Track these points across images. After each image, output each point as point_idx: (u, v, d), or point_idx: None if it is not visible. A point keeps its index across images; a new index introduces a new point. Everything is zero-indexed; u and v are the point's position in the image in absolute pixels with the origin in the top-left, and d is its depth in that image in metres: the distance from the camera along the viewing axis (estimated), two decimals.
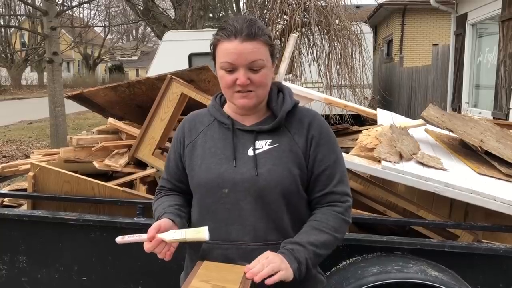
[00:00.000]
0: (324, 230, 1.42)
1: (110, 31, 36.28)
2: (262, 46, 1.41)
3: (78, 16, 29.54)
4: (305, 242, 1.38)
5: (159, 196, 1.63)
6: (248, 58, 1.38)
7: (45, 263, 2.41)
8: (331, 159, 1.48)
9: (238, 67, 1.39)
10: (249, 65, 1.38)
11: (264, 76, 1.42)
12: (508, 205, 2.06)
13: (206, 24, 17.70)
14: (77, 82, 33.06)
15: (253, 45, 1.38)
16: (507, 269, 2.08)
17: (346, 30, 7.17)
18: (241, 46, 1.37)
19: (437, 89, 9.56)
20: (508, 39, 6.29)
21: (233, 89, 1.42)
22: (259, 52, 1.40)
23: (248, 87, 1.40)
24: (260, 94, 1.45)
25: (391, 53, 17.30)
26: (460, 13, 8.43)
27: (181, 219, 1.48)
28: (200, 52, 10.74)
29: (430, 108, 2.84)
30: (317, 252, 1.39)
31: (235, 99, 1.44)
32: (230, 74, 1.40)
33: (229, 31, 1.39)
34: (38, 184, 2.47)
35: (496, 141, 2.70)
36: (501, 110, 6.44)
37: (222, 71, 1.42)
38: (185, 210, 1.56)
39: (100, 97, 3.02)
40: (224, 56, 1.39)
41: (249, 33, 1.38)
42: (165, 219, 1.42)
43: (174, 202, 1.56)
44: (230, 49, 1.38)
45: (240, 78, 1.38)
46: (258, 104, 1.48)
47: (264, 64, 1.41)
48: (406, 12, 15.97)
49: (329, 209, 1.47)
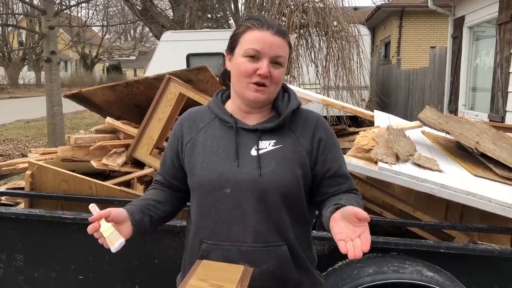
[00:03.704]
0: (360, 204, 1.43)
1: (108, 31, 36.23)
2: (286, 45, 1.46)
3: (76, 15, 29.49)
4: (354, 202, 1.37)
5: (149, 189, 1.62)
6: (275, 51, 1.41)
7: (42, 262, 2.41)
8: (340, 160, 1.52)
9: (263, 57, 1.40)
10: (273, 58, 1.41)
11: (281, 74, 1.46)
12: (503, 206, 2.08)
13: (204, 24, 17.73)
14: (75, 82, 33.00)
15: (282, 41, 1.43)
16: (502, 270, 2.10)
17: (344, 32, 7.19)
18: (272, 37, 1.41)
19: (434, 91, 9.59)
20: (504, 42, 6.31)
21: (249, 79, 1.41)
22: (284, 49, 1.44)
23: (266, 80, 1.41)
24: (272, 91, 1.46)
25: (389, 55, 17.36)
26: (457, 16, 8.46)
27: (141, 216, 1.43)
28: (198, 53, 10.78)
29: (427, 110, 2.85)
30: None
31: (249, 90, 1.43)
32: (251, 63, 1.41)
33: (262, 21, 1.44)
34: (36, 183, 2.48)
35: (492, 143, 2.72)
36: (497, 112, 6.46)
37: (244, 58, 1.42)
38: (163, 208, 1.53)
39: (98, 96, 3.02)
40: (252, 43, 1.41)
41: (280, 30, 1.44)
42: (121, 209, 1.39)
43: (153, 197, 1.53)
44: (261, 37, 1.41)
45: (262, 68, 1.39)
46: (267, 101, 1.48)
47: (285, 62, 1.45)
48: (404, 14, 16.04)
49: (351, 194, 1.49)
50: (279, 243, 1.42)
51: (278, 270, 1.43)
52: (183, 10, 14.42)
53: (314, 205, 1.55)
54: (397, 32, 16.32)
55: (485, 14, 7.12)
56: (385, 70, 14.97)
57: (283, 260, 1.43)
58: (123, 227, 1.38)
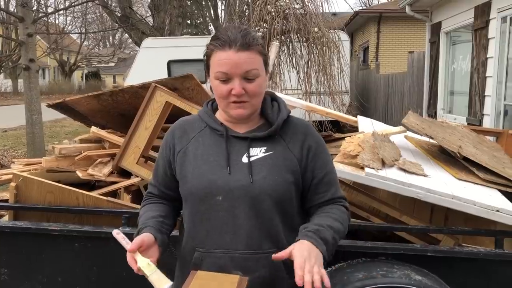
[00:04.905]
0: (337, 219, 1.45)
1: (87, 38, 35.80)
2: (256, 55, 1.41)
3: (54, 22, 29.06)
4: (326, 225, 1.40)
5: (146, 202, 1.62)
6: (243, 68, 1.38)
7: (27, 275, 2.36)
8: (328, 167, 1.53)
9: (233, 77, 1.39)
10: (244, 74, 1.39)
11: (258, 86, 1.43)
12: (487, 209, 2.12)
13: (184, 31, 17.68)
14: (53, 89, 32.50)
15: (248, 54, 1.39)
16: (487, 272, 2.14)
17: (325, 37, 7.27)
18: (235, 56, 1.37)
19: (413, 96, 9.75)
20: (480, 47, 6.47)
21: (228, 100, 1.42)
22: (254, 62, 1.40)
23: (243, 97, 1.40)
24: (254, 104, 1.45)
25: (367, 60, 17.59)
26: (434, 22, 8.62)
27: (162, 235, 1.47)
28: (179, 59, 10.75)
29: (410, 115, 2.90)
30: (335, 236, 1.41)
31: (230, 109, 1.44)
32: (225, 84, 1.40)
33: (223, 40, 1.39)
34: (21, 195, 2.43)
35: (474, 147, 2.78)
36: (475, 116, 6.60)
37: (217, 81, 1.41)
38: (169, 222, 1.55)
39: (82, 105, 2.99)
40: (219, 66, 1.39)
41: (243, 43, 1.38)
42: (148, 235, 1.42)
43: (158, 213, 1.54)
44: (224, 59, 1.38)
45: (235, 88, 1.38)
46: (252, 113, 1.48)
47: (259, 74, 1.42)
48: (382, 19, 16.27)
49: (335, 205, 1.51)
50: (272, 249, 1.42)
51: (271, 277, 1.44)
52: (163, 17, 14.38)
53: (305, 211, 1.56)
54: (375, 37, 16.55)
55: (461, 20, 7.28)
56: (364, 75, 15.15)
57: (276, 267, 1.43)
58: (151, 250, 1.41)
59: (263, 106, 1.53)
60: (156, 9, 14.55)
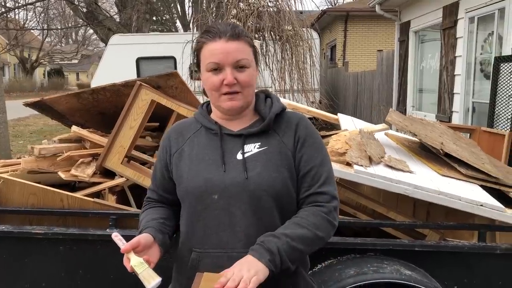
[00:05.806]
0: (302, 225, 1.38)
1: (49, 34, 34.79)
2: (246, 46, 1.45)
3: (14, 17, 28.06)
4: (279, 234, 1.35)
5: (146, 207, 1.60)
6: (234, 57, 1.40)
7: (10, 281, 2.28)
8: (316, 160, 1.48)
9: (224, 67, 1.40)
10: (235, 63, 1.41)
11: (249, 76, 1.44)
12: (471, 204, 2.19)
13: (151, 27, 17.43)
14: (13, 87, 31.36)
15: (238, 44, 1.42)
16: (471, 265, 2.21)
17: (298, 36, 7.31)
18: (226, 45, 1.40)
19: (383, 93, 9.95)
20: (449, 46, 6.66)
21: (220, 91, 1.43)
22: (244, 51, 1.43)
23: (235, 87, 1.41)
24: (246, 95, 1.45)
25: (335, 58, 17.80)
26: (403, 21, 8.82)
27: (163, 235, 1.45)
28: (148, 56, 10.60)
29: (392, 112, 2.96)
30: (292, 244, 1.34)
31: (222, 101, 1.44)
32: (216, 75, 1.41)
33: (214, 33, 1.42)
34: (2, 197, 2.34)
35: (454, 144, 2.86)
36: (444, 113, 6.79)
37: (208, 73, 1.43)
38: (170, 224, 1.54)
39: (61, 104, 2.90)
40: (210, 57, 1.41)
41: (233, 34, 1.42)
42: (147, 235, 1.40)
43: (159, 215, 1.53)
44: (215, 49, 1.40)
45: (227, 77, 1.40)
46: (244, 106, 1.48)
47: (249, 64, 1.44)
48: (349, 18, 16.48)
49: (312, 208, 1.44)
50: None
51: (270, 274, 1.43)
52: (130, 13, 14.14)
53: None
54: (342, 35, 16.76)
55: (430, 20, 7.47)
56: (333, 73, 15.35)
57: None
58: (151, 250, 1.39)
59: (256, 103, 1.54)
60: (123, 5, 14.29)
